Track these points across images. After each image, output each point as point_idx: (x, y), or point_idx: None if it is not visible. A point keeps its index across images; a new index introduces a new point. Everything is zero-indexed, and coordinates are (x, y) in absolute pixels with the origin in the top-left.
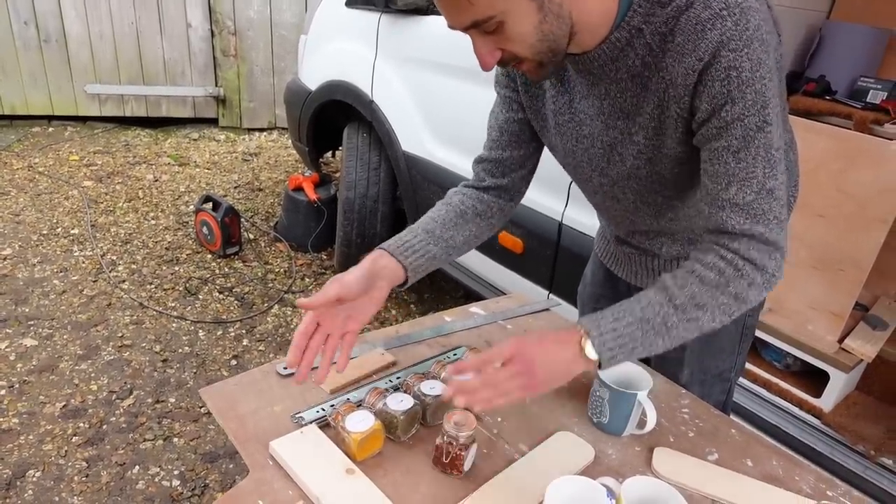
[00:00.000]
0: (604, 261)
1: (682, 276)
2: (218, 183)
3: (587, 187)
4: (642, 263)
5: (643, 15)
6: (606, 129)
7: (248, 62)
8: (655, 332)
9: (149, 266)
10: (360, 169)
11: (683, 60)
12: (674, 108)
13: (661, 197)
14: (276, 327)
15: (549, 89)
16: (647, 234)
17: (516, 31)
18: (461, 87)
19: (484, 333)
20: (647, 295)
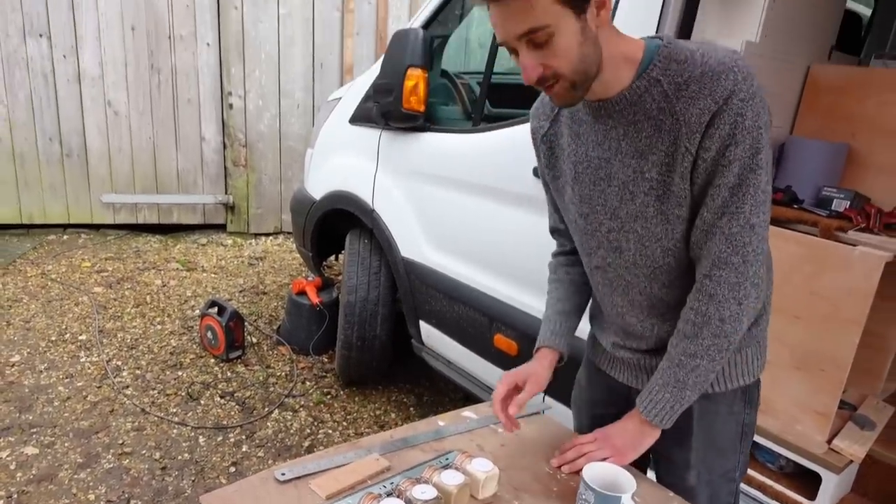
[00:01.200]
0: (600, 366)
1: (675, 335)
2: (224, 287)
3: (592, 241)
4: (640, 366)
5: (662, 69)
6: (622, 168)
7: (257, 171)
8: (678, 388)
9: (153, 371)
10: (361, 273)
11: (697, 104)
12: (685, 144)
13: (659, 248)
14: (275, 432)
15: (566, 147)
16: (641, 316)
17: (563, 45)
18: (455, 197)
19: (476, 437)
20: (661, 364)
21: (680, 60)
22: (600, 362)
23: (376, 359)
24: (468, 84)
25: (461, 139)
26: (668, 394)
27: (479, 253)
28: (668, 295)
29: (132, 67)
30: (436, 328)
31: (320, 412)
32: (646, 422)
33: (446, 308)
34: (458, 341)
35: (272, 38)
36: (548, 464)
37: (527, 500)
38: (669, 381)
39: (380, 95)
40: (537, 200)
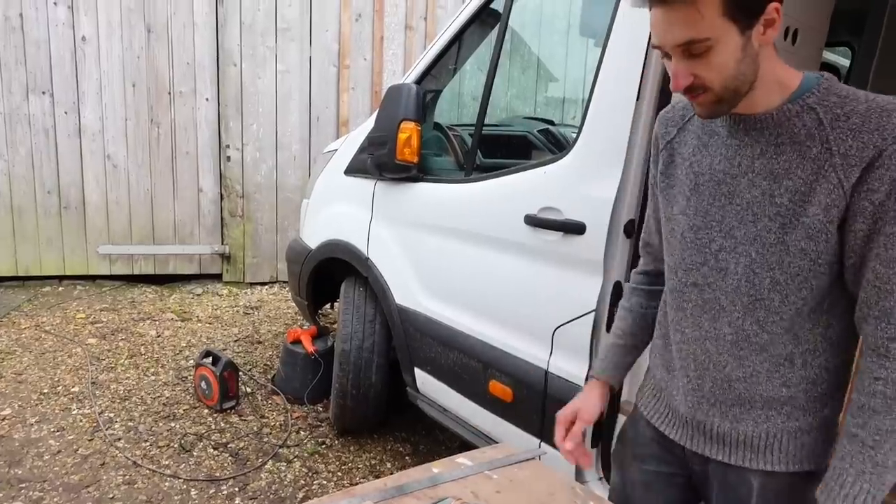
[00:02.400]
0: (654, 421)
1: (857, 413)
2: (219, 337)
3: (698, 257)
4: (705, 429)
5: (819, 98)
6: (750, 187)
7: (253, 222)
8: (878, 474)
9: (145, 423)
10: (356, 321)
11: (861, 137)
12: (836, 176)
13: (769, 279)
14: (269, 484)
15: (688, 157)
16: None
17: (720, 59)
18: (449, 245)
19: (470, 484)
20: (845, 448)
21: (841, 95)
22: (653, 415)
23: (371, 407)
24: (460, 136)
25: (454, 189)
26: (866, 483)
27: (473, 300)
28: (757, 335)
29: (132, 122)
30: (431, 375)
31: (315, 462)
32: None
33: (441, 355)
34: (453, 388)
35: (270, 94)
36: None
37: None
38: (865, 467)
39: (374, 147)
40: (529, 247)
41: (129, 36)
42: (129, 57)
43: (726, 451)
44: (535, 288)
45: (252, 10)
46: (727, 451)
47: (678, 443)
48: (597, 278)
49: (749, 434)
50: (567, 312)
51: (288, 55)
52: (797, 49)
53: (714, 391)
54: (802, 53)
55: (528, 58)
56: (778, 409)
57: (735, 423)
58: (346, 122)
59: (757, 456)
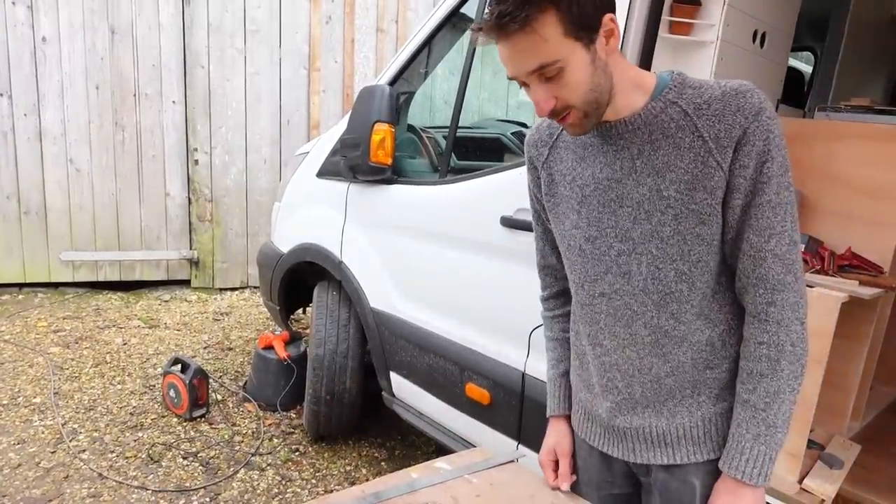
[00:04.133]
0: (593, 444)
1: (746, 379)
2: (188, 344)
3: (599, 266)
4: (645, 436)
5: (677, 93)
6: (637, 187)
7: (222, 226)
8: (771, 434)
9: (111, 433)
10: (329, 326)
11: (725, 119)
12: (712, 160)
13: (673, 271)
14: (241, 493)
15: (567, 173)
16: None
17: (574, 77)
18: (424, 247)
19: (450, 488)
20: (739, 416)
21: (695, 87)
22: (593, 438)
23: (346, 413)
24: (434, 138)
25: (429, 191)
26: (762, 445)
27: (448, 302)
28: (674, 328)
29: (95, 125)
30: (406, 379)
31: (288, 470)
32: (745, 485)
33: (417, 359)
34: (429, 392)
35: (239, 96)
36: None
37: None
38: (760, 430)
39: (347, 150)
40: (505, 249)
41: (92, 37)
42: (92, 58)
43: (669, 452)
44: (511, 289)
45: (220, 12)
46: (670, 451)
47: (621, 459)
48: None
49: (686, 426)
50: None
51: (257, 57)
52: (765, 52)
53: (646, 394)
54: (770, 55)
55: (499, 61)
56: (707, 393)
57: (671, 418)
58: (318, 124)
59: (697, 447)
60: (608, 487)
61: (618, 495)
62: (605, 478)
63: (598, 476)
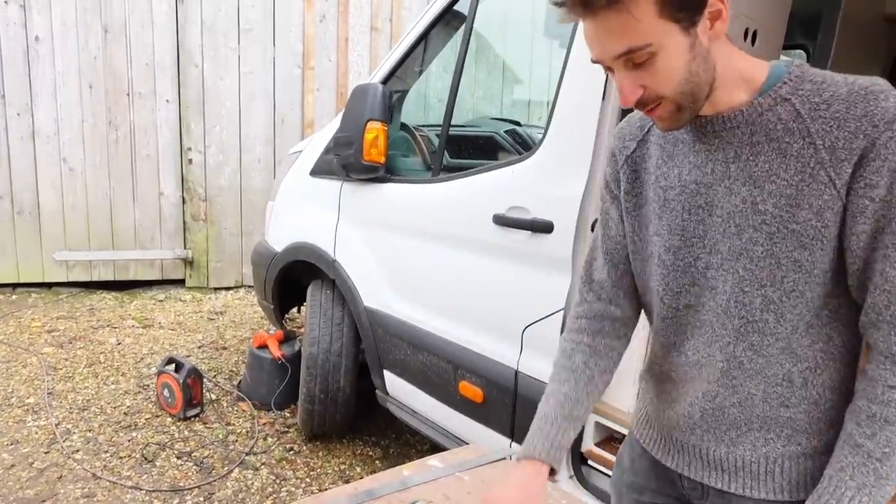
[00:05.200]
0: (648, 448)
1: (866, 422)
2: (182, 343)
3: (684, 278)
4: (701, 454)
5: (792, 87)
6: (729, 195)
7: (217, 225)
8: (877, 490)
9: (105, 433)
10: (323, 325)
11: (847, 126)
12: (823, 174)
13: (760, 297)
14: (235, 492)
15: (653, 171)
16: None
17: (667, 64)
18: (417, 245)
19: (441, 486)
20: (846, 458)
21: (817, 81)
22: (649, 442)
23: (340, 411)
24: (427, 136)
25: (422, 189)
26: (866, 497)
27: (442, 300)
28: (751, 361)
29: (89, 124)
30: (400, 378)
31: (283, 469)
32: None
33: (410, 357)
34: (423, 390)
35: (233, 95)
36: None
37: None
38: (868, 480)
39: (340, 148)
40: (498, 247)
41: (85, 36)
42: (85, 57)
43: (725, 478)
44: (504, 287)
45: (213, 11)
46: (726, 478)
47: (675, 470)
48: (565, 276)
49: (747, 459)
50: (536, 311)
51: (251, 56)
52: (756, 50)
53: (706, 419)
54: (762, 54)
55: (493, 59)
56: (777, 431)
57: (731, 447)
58: (312, 123)
59: (757, 483)
60: (650, 496)
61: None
62: (651, 485)
63: (643, 481)
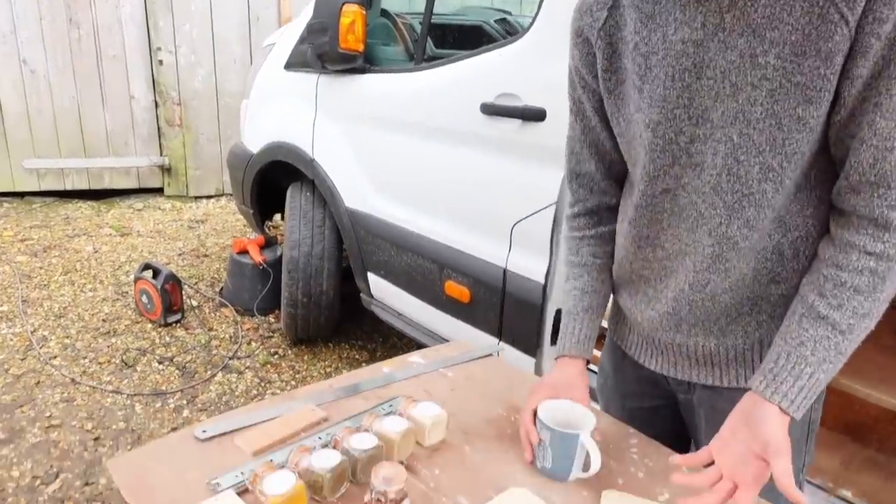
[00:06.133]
0: (630, 353)
1: (832, 292)
2: (161, 251)
3: (664, 158)
4: (688, 352)
5: None
6: (723, 51)
7: (193, 131)
8: (834, 365)
9: (83, 340)
10: (303, 228)
11: None
12: (834, 13)
13: (758, 166)
14: (219, 395)
15: (630, 39)
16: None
17: None
18: (399, 140)
19: (423, 382)
20: (806, 332)
21: None
22: (629, 346)
23: (324, 315)
24: (410, 24)
25: (404, 79)
26: (822, 374)
27: (426, 198)
28: (745, 239)
29: (47, 22)
30: (384, 280)
31: (267, 373)
32: (780, 412)
33: (394, 258)
34: (408, 292)
35: None
36: (501, 406)
37: (478, 444)
38: (828, 355)
39: (314, 36)
40: (485, 138)
41: None
42: None
43: (716, 373)
44: (493, 182)
45: None
46: (717, 372)
47: (660, 373)
48: (557, 168)
49: (739, 348)
50: (526, 207)
51: None
52: None
53: (695, 311)
54: None
55: None
56: (769, 311)
57: (721, 338)
58: (289, 20)
59: (751, 371)
60: (636, 399)
61: (647, 408)
62: (635, 389)
63: (627, 386)
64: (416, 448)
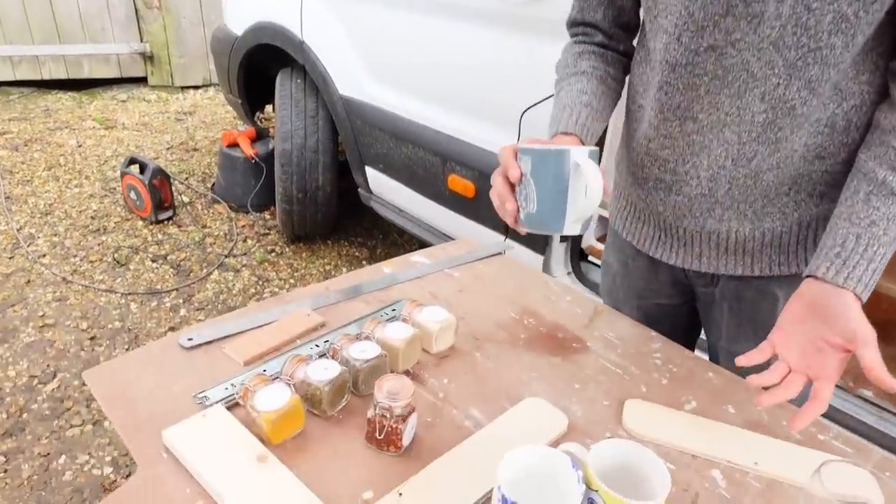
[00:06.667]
0: (643, 248)
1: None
2: (148, 145)
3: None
4: (718, 240)
5: None
6: None
7: (174, 14)
8: None
9: (72, 238)
10: (295, 118)
11: None
12: None
13: (831, 14)
14: (216, 294)
15: None
16: (745, 136)
17: None
18: (398, 17)
19: (428, 284)
20: (877, 211)
21: None
22: (642, 241)
23: (321, 211)
24: None
25: None
26: (891, 253)
27: (427, 83)
28: (803, 104)
29: None
30: (383, 173)
31: (265, 271)
32: (851, 295)
33: (394, 150)
34: (408, 187)
35: None
36: (513, 309)
37: (489, 350)
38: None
39: None
40: (493, 14)
41: None
42: None
43: (745, 261)
44: (500, 64)
45: None
46: (746, 261)
47: (678, 267)
48: None
49: (776, 231)
50: (537, 92)
51: None
52: None
53: (733, 192)
54: None
55: None
56: (809, 190)
57: (758, 221)
58: None
59: (787, 257)
60: (652, 296)
61: (664, 306)
62: (650, 286)
63: (641, 283)
64: (422, 356)
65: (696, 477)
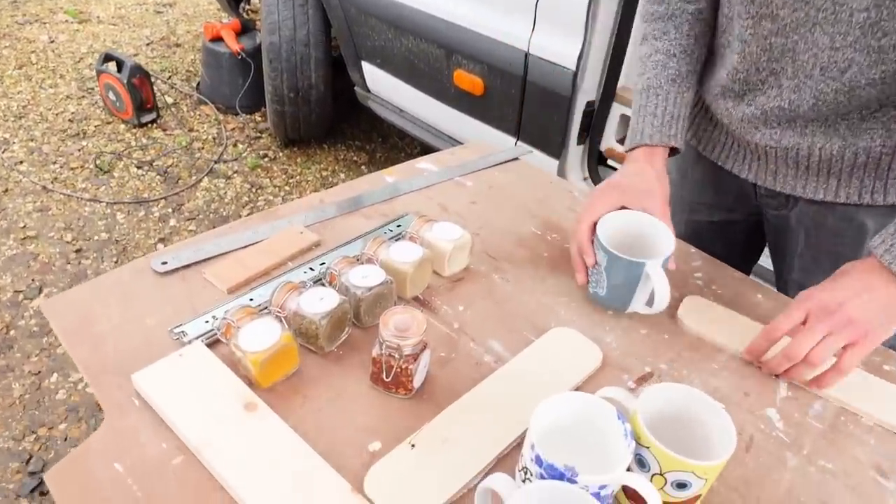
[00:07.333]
0: (708, 154)
1: None
2: (127, 40)
3: None
4: (801, 157)
5: None
6: None
7: None
8: None
9: (50, 143)
10: (282, 7)
11: None
12: None
13: None
14: (207, 202)
15: None
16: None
17: None
18: None
19: (437, 194)
20: None
21: None
22: (709, 148)
23: (315, 112)
24: None
25: None
26: None
27: None
28: None
29: None
30: (381, 69)
31: (258, 177)
32: None
33: (393, 43)
34: (409, 84)
35: None
36: (534, 223)
37: (509, 272)
38: None
39: None
40: None
41: None
42: None
43: (830, 184)
44: None
45: None
46: (831, 184)
47: (749, 181)
48: None
49: (874, 151)
50: None
51: None
52: None
53: (819, 105)
54: None
55: None
56: None
57: (851, 139)
58: None
59: (883, 183)
60: (706, 212)
61: (719, 223)
62: (706, 200)
63: (695, 196)
64: (433, 279)
65: (749, 418)
